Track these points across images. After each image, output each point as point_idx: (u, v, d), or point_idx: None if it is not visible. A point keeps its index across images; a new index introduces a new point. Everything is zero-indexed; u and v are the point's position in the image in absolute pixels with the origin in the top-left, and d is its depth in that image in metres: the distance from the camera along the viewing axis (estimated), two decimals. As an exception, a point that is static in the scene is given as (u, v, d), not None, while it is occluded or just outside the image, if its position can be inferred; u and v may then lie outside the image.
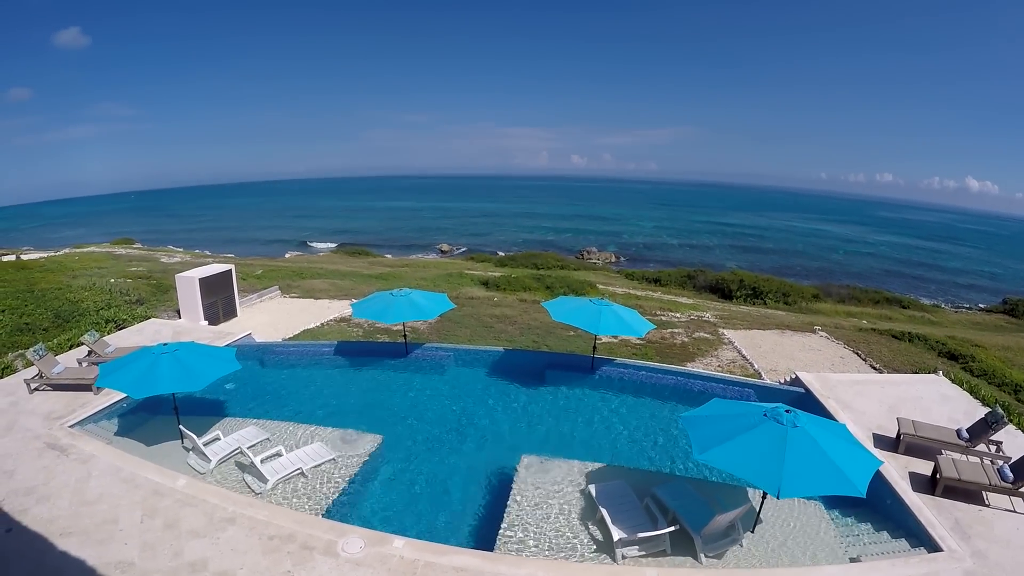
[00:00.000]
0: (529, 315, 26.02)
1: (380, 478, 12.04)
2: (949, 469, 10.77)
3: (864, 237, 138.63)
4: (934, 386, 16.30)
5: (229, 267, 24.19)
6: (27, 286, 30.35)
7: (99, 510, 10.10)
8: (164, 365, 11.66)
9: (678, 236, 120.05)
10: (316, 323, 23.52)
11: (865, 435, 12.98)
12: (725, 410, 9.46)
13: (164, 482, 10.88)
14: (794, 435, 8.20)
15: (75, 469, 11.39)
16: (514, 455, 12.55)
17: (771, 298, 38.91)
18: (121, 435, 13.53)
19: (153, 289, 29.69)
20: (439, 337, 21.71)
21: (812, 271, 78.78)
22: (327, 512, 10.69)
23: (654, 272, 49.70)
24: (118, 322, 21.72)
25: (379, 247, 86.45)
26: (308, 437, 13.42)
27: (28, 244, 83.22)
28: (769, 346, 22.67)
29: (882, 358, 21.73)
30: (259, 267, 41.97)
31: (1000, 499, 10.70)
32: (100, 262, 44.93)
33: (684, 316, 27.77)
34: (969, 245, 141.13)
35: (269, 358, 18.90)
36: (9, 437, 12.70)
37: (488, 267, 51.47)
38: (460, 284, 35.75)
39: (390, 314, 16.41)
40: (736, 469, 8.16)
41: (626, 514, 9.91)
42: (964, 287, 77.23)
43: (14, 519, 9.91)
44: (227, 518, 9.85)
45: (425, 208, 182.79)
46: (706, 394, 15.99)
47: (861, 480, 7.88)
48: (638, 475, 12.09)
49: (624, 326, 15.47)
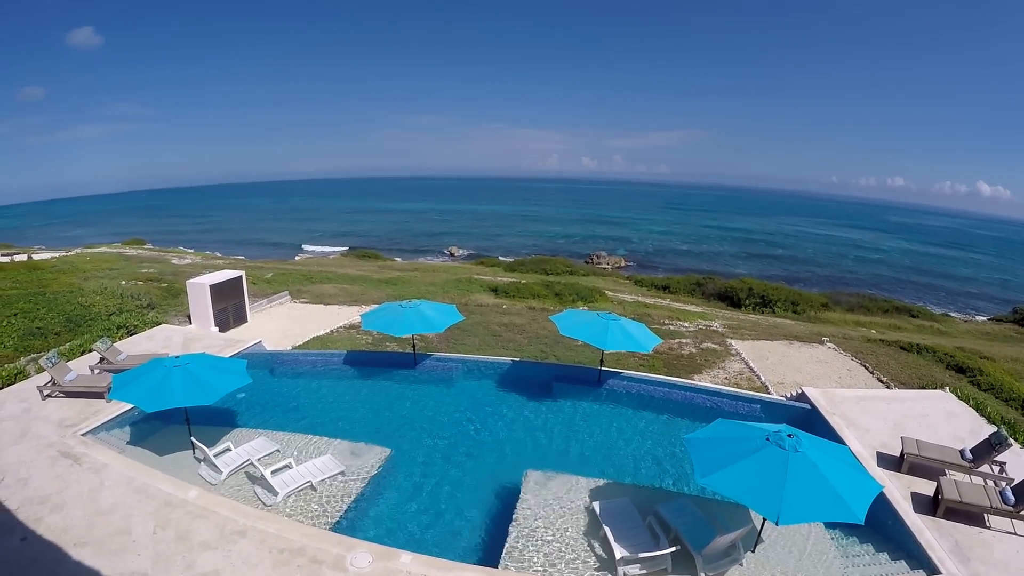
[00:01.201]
0: (538, 323, 26.16)
1: (388, 492, 12.17)
2: (951, 491, 10.83)
3: (874, 242, 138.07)
4: (940, 402, 16.30)
5: (240, 273, 24.45)
6: (39, 287, 30.71)
7: (112, 520, 10.28)
8: (176, 378, 11.88)
9: (687, 241, 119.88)
10: (326, 330, 23.73)
11: (869, 453, 13.03)
12: (728, 432, 9.56)
13: (176, 493, 11.06)
14: (795, 460, 8.31)
15: (88, 478, 11.58)
16: (519, 470, 12.71)
17: (780, 307, 38.90)
18: (133, 444, 13.77)
19: (164, 293, 29.99)
20: (448, 346, 21.85)
21: (822, 278, 78.59)
22: (336, 526, 10.86)
23: (663, 279, 49.77)
24: (129, 328, 21.94)
25: (389, 250, 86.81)
26: (317, 449, 13.61)
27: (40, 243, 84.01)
28: (777, 358, 22.73)
29: (890, 371, 21.76)
30: (269, 270, 42.29)
31: (1001, 522, 10.73)
32: (111, 263, 45.38)
33: (692, 326, 27.84)
34: (980, 251, 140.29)
35: (279, 367, 19.07)
36: (23, 444, 12.91)
37: (497, 272, 51.61)
38: (469, 290, 35.88)
39: (399, 326, 16.54)
40: (737, 495, 8.26)
41: (629, 532, 10.05)
42: (974, 295, 76.81)
43: (29, 528, 10.11)
44: (238, 531, 10.02)
45: (435, 210, 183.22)
46: (712, 409, 16.12)
47: (860, 507, 7.97)
48: (642, 492, 12.25)
49: (631, 341, 15.53)
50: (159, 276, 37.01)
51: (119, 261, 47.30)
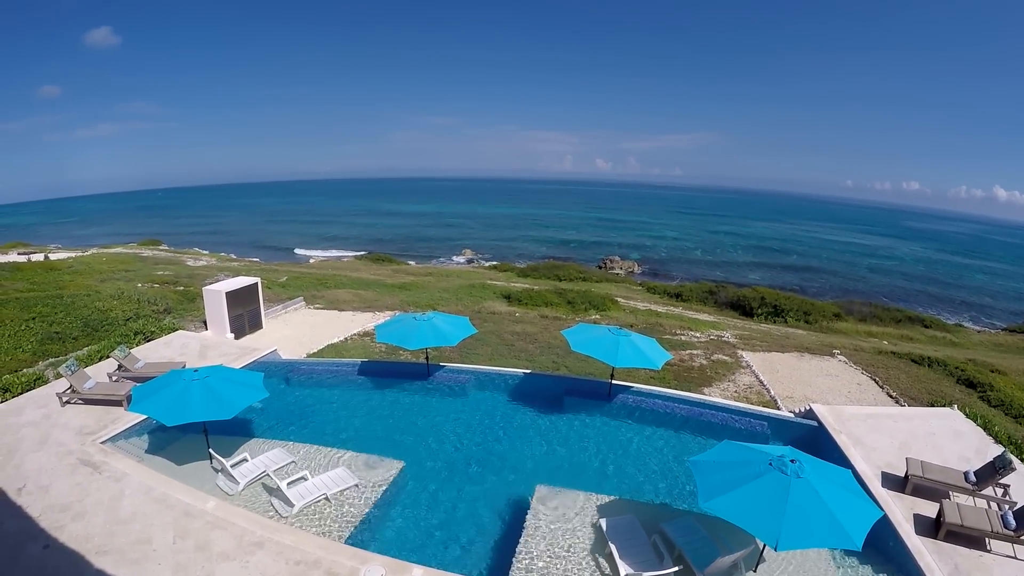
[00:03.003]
0: (550, 332, 26.39)
1: (401, 505, 12.41)
2: (953, 514, 10.94)
3: (889, 249, 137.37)
4: (948, 421, 16.36)
5: (255, 280, 24.84)
6: (56, 289, 31.26)
7: (133, 529, 10.59)
8: (195, 392, 12.21)
9: (701, 245, 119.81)
10: (340, 337, 24.07)
11: (874, 473, 13.14)
12: (733, 456, 9.74)
13: (195, 503, 11.37)
14: (796, 486, 8.49)
15: (108, 487, 11.91)
16: (529, 484, 12.93)
17: (792, 316, 38.90)
18: (151, 452, 14.10)
19: (180, 297, 30.43)
20: (461, 355, 22.04)
21: (835, 286, 78.40)
22: (350, 538, 11.11)
23: (676, 287, 49.80)
24: (146, 334, 22.34)
25: (403, 253, 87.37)
26: (332, 460, 13.88)
27: (56, 241, 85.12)
28: (787, 370, 22.82)
29: (899, 385, 21.79)
30: (283, 273, 42.74)
31: (1002, 546, 10.82)
32: (127, 264, 46.02)
33: (704, 336, 27.97)
34: (995, 259, 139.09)
35: (294, 376, 19.36)
36: (43, 451, 13.27)
37: (511, 277, 51.87)
38: (483, 297, 36.13)
39: (413, 339, 16.78)
40: (738, 519, 8.44)
41: (634, 550, 10.25)
42: (989, 303, 76.34)
43: (51, 535, 10.44)
44: (256, 542, 10.30)
45: (449, 212, 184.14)
46: (721, 425, 16.29)
47: (858, 533, 8.14)
48: (648, 509, 12.42)
49: (642, 358, 15.64)
50: (175, 279, 37.53)
51: (135, 262, 47.92)
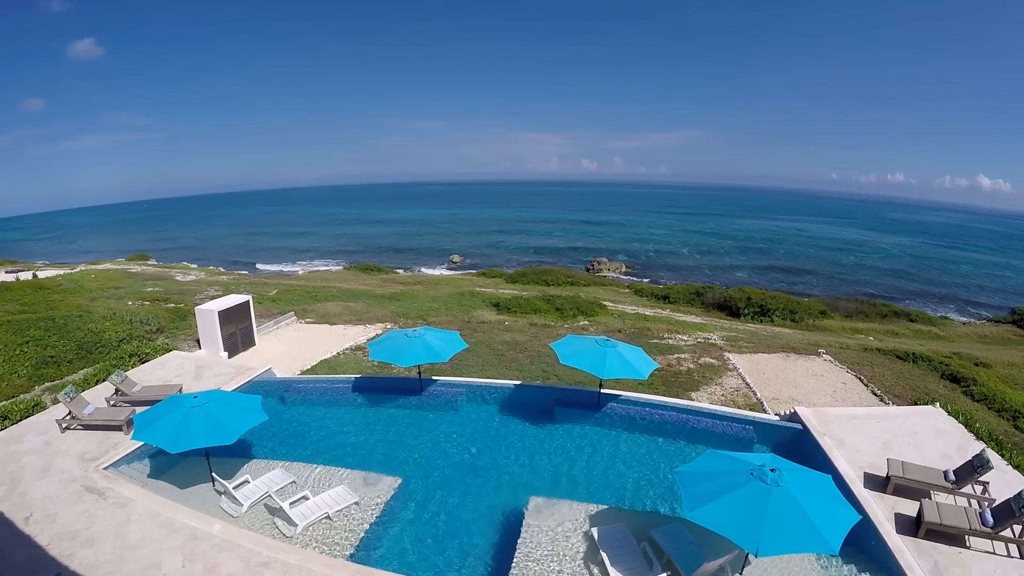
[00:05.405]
0: (539, 341, 26.77)
1: (400, 521, 12.72)
2: (932, 513, 11.38)
3: (874, 242, 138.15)
4: (930, 419, 16.82)
5: (247, 298, 25.05)
6: (47, 309, 31.42)
7: (142, 554, 10.89)
8: (196, 419, 12.54)
9: (688, 244, 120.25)
10: (332, 352, 24.38)
11: (857, 474, 13.58)
12: (716, 465, 10.15)
13: (201, 527, 11.67)
14: (776, 495, 8.92)
15: (115, 513, 12.19)
16: (523, 496, 13.34)
17: (778, 316, 39.50)
18: (154, 477, 14.36)
19: (171, 315, 30.68)
20: (452, 367, 22.22)
21: (821, 281, 79.08)
22: (352, 555, 11.45)
23: (663, 288, 50.28)
24: (141, 356, 22.56)
25: (391, 260, 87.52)
26: (331, 479, 14.24)
27: (43, 257, 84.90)
28: (773, 372, 23.25)
29: (884, 383, 22.23)
30: (273, 287, 43.00)
31: (981, 542, 11.27)
32: (116, 280, 46.15)
33: (691, 339, 28.38)
34: (980, 248, 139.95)
35: (289, 395, 19.57)
36: (47, 479, 13.49)
37: (499, 284, 52.23)
38: (472, 307, 36.42)
39: (405, 356, 17.06)
40: (721, 528, 8.84)
41: (624, 557, 10.67)
42: (974, 294, 76.96)
43: (62, 563, 10.70)
44: (262, 563, 10.61)
45: (436, 216, 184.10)
46: (707, 431, 16.72)
47: (836, 538, 8.57)
48: (639, 516, 12.83)
49: (628, 368, 16.00)
50: (165, 295, 37.78)
51: (124, 279, 48.05)
